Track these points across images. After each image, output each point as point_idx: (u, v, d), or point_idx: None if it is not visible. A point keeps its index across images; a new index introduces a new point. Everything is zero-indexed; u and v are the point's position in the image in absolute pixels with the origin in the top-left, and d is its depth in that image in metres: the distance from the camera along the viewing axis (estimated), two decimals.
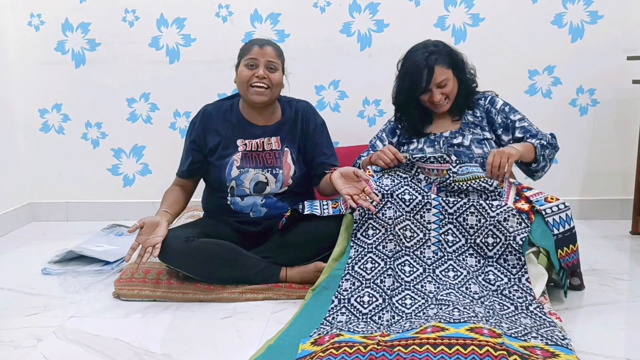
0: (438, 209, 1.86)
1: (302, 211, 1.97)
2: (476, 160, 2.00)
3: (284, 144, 2.08)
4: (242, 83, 2.00)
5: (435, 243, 1.83)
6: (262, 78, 1.97)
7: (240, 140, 2.06)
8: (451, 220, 1.84)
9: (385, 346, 1.38)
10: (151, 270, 2.00)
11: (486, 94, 2.13)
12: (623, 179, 2.76)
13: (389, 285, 1.74)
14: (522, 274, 1.73)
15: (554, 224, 1.79)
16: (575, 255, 1.80)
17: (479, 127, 2.06)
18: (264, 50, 1.99)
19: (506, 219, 1.79)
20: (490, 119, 2.07)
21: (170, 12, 2.82)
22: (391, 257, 1.81)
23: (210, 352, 1.56)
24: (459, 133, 2.05)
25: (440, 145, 2.04)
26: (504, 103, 2.09)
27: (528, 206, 1.82)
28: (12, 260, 2.43)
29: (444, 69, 2.00)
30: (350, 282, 1.76)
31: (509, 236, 1.77)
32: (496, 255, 1.78)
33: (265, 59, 1.98)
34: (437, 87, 2.01)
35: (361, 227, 1.87)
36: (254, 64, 1.98)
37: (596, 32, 2.67)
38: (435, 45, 2.04)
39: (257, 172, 2.05)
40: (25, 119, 2.98)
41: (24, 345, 1.61)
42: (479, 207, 1.82)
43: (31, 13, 2.87)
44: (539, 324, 1.54)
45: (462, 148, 2.01)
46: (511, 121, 2.05)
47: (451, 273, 1.77)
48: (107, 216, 2.97)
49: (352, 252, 1.84)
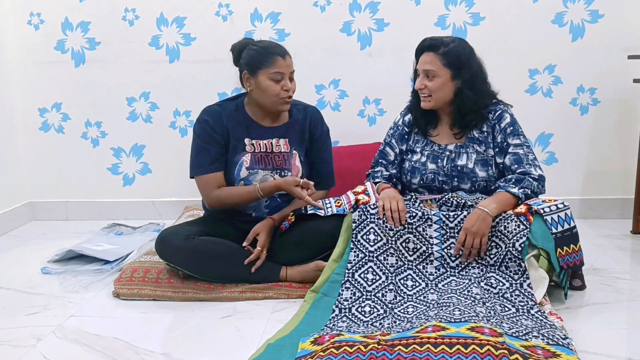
0: (439, 224, 1.85)
1: (305, 212, 1.96)
2: (479, 184, 1.96)
3: (292, 146, 2.08)
4: (269, 96, 1.97)
5: (438, 258, 1.83)
6: (289, 90, 1.98)
7: (248, 140, 2.05)
8: (453, 234, 1.84)
9: (386, 345, 1.38)
10: (151, 270, 2.00)
11: (497, 107, 1.99)
12: (624, 178, 2.76)
13: (390, 299, 1.73)
14: (523, 280, 1.72)
15: (552, 223, 1.78)
16: (577, 256, 1.79)
17: (483, 145, 1.97)
18: (287, 62, 1.98)
19: (506, 226, 1.79)
20: (494, 135, 1.98)
21: (170, 11, 2.82)
22: (393, 272, 1.80)
23: (210, 351, 1.56)
24: (463, 149, 1.98)
25: (443, 163, 1.98)
26: (509, 122, 1.95)
27: (525, 208, 1.81)
28: (12, 259, 2.42)
29: (436, 62, 1.91)
30: (351, 291, 1.75)
31: (509, 242, 1.77)
32: (497, 263, 1.78)
33: (289, 70, 1.99)
34: (424, 76, 1.94)
35: (362, 229, 1.85)
36: (281, 77, 1.96)
37: (597, 31, 2.66)
38: (452, 40, 1.95)
39: (267, 174, 2.05)
40: (25, 118, 2.97)
41: (23, 344, 1.60)
42: None
43: (31, 12, 2.87)
44: (540, 325, 1.54)
45: (465, 170, 1.96)
46: (507, 144, 1.93)
47: (453, 284, 1.77)
48: (106, 215, 2.97)
49: (352, 255, 1.82)
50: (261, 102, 2.01)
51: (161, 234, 1.99)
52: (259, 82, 1.97)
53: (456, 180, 1.97)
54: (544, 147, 2.79)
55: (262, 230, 1.97)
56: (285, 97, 1.98)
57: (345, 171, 2.52)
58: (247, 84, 2.01)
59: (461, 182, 1.97)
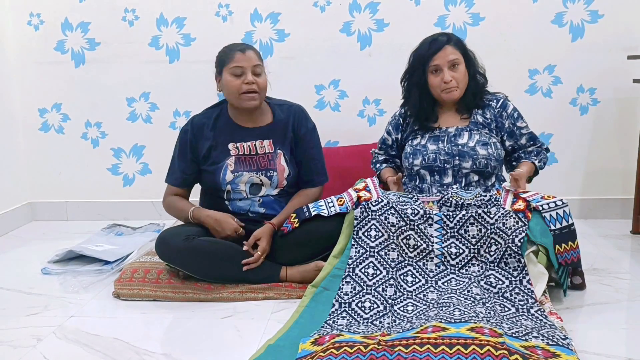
0: (440, 224, 1.86)
1: (308, 214, 1.95)
2: (480, 162, 1.99)
3: (276, 146, 2.08)
4: (232, 92, 1.99)
5: (438, 255, 1.83)
6: (252, 84, 1.97)
7: (232, 144, 2.06)
8: (453, 233, 1.85)
9: (386, 346, 1.38)
10: (151, 270, 2.00)
11: (498, 95, 2.11)
12: (623, 178, 2.76)
13: (390, 294, 1.73)
14: (522, 276, 1.72)
15: (551, 220, 1.81)
16: (575, 253, 1.80)
17: (487, 129, 2.05)
18: (247, 55, 1.98)
19: (504, 223, 1.80)
20: (499, 122, 2.07)
21: (170, 12, 2.82)
22: (394, 267, 1.80)
23: (210, 351, 1.56)
24: (465, 130, 2.04)
25: (444, 144, 2.03)
26: (514, 108, 2.10)
27: (524, 205, 1.84)
28: (12, 259, 2.43)
29: (456, 51, 2.02)
30: (351, 285, 1.76)
31: (508, 239, 1.77)
32: (497, 259, 1.78)
33: (251, 64, 1.98)
34: (449, 69, 2.00)
35: (364, 225, 1.86)
36: (241, 72, 1.98)
37: (596, 31, 2.67)
38: (449, 33, 2.10)
39: (252, 175, 2.05)
40: (25, 118, 2.97)
41: (23, 345, 1.61)
42: (478, 217, 1.83)
43: (31, 12, 2.87)
44: (539, 325, 1.54)
45: (466, 148, 2.00)
46: (517, 127, 2.08)
47: (453, 282, 1.77)
48: (107, 216, 2.97)
49: (353, 251, 1.82)
50: (230, 100, 2.05)
51: (161, 234, 1.99)
52: (223, 80, 2.01)
53: (457, 159, 2.00)
54: None
55: (263, 236, 1.97)
56: (247, 91, 1.97)
57: (346, 171, 2.53)
58: (218, 85, 2.06)
59: (462, 161, 2.00)
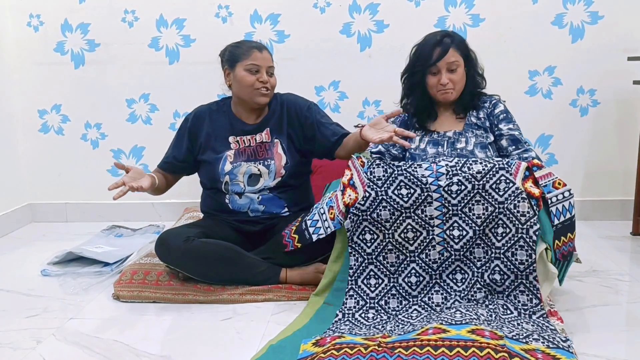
0: (440, 202, 1.72)
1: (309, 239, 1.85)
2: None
3: (273, 135, 2.11)
4: (245, 87, 2.03)
5: (440, 242, 1.73)
6: (266, 83, 2.02)
7: (232, 137, 2.10)
8: (456, 212, 1.71)
9: (386, 348, 1.38)
10: (151, 272, 2.00)
11: (492, 97, 2.11)
12: (623, 180, 2.76)
13: (394, 307, 1.72)
14: (530, 271, 1.63)
15: (556, 214, 1.71)
16: (571, 243, 1.72)
17: (482, 129, 2.04)
18: (264, 55, 2.03)
19: (516, 205, 1.66)
20: (490, 121, 2.06)
21: (169, 13, 2.82)
22: (394, 272, 1.76)
23: (210, 353, 1.56)
24: (462, 135, 2.02)
25: (444, 148, 2.00)
26: (503, 110, 2.05)
27: (539, 191, 1.71)
28: (12, 261, 2.42)
29: (457, 54, 2.00)
30: (355, 299, 1.74)
31: (522, 228, 1.65)
32: (504, 247, 1.66)
33: (267, 64, 2.03)
34: (447, 71, 1.99)
35: (356, 229, 1.77)
36: (257, 70, 2.02)
37: (597, 32, 2.66)
38: (453, 33, 2.08)
39: (250, 165, 2.08)
40: (25, 119, 2.97)
41: (23, 347, 1.60)
42: (485, 194, 1.69)
43: (30, 13, 2.87)
44: (540, 329, 1.53)
45: (465, 152, 1.98)
46: (498, 129, 2.01)
47: (458, 275, 1.72)
48: (106, 217, 2.96)
49: (352, 260, 1.77)
50: (240, 95, 2.07)
51: (161, 236, 1.99)
52: (236, 75, 2.04)
53: None
54: (544, 148, 2.79)
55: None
56: (260, 88, 2.02)
57: None
58: (228, 79, 2.09)
59: None
